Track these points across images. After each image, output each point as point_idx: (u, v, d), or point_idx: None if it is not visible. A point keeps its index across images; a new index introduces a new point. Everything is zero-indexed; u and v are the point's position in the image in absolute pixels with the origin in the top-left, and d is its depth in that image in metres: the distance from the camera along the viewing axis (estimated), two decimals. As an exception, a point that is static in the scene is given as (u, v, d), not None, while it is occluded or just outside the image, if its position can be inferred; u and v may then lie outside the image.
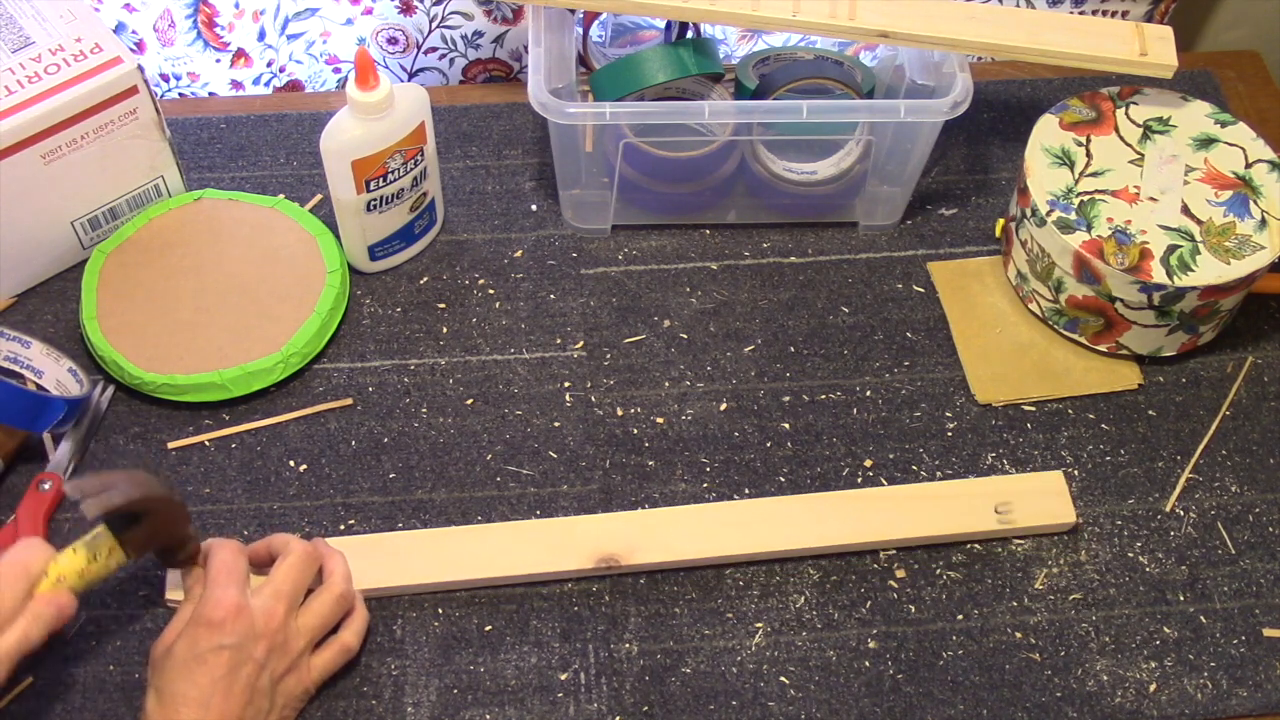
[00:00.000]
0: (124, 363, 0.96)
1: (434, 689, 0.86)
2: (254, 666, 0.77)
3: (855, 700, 0.86)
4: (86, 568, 0.78)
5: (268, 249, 1.03)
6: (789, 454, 0.97)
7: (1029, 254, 1.01)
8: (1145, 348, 1.01)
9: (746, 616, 0.89)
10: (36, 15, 0.98)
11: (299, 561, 0.83)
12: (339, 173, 0.97)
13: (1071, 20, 1.02)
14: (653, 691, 0.86)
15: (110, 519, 0.79)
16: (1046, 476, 0.95)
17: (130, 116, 0.99)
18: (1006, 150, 1.16)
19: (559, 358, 1.01)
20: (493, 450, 0.96)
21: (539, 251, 1.08)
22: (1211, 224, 0.97)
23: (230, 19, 1.15)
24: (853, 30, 0.99)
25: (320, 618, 0.83)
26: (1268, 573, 0.92)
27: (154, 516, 0.80)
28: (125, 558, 0.80)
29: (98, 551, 0.79)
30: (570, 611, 0.89)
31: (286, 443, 0.96)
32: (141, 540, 0.80)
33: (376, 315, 1.03)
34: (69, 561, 0.78)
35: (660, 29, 1.19)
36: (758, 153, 1.06)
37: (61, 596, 0.77)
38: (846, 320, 1.04)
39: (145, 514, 0.79)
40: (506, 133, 1.15)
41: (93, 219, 1.03)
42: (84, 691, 0.85)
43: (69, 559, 0.78)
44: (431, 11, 1.16)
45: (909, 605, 0.90)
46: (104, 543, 0.79)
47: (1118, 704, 0.86)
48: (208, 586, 0.80)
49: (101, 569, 0.79)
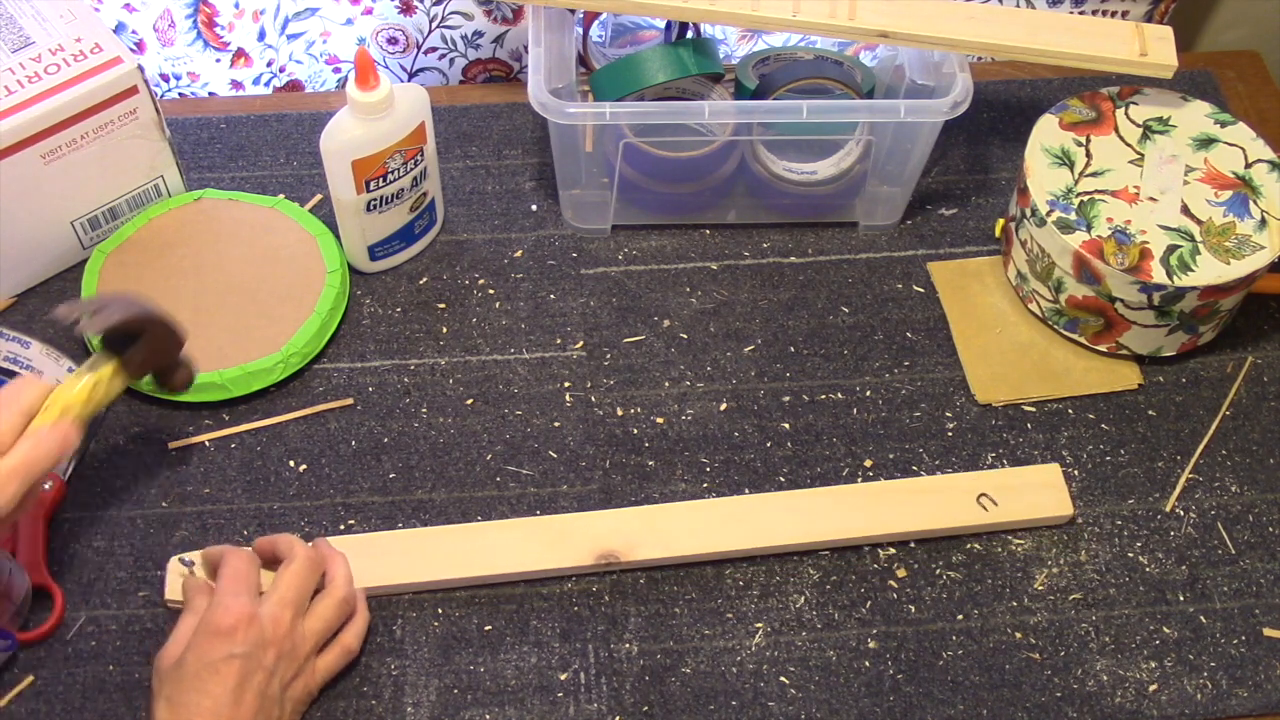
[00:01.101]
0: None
1: (434, 689, 0.86)
2: (264, 674, 0.77)
3: (855, 700, 0.86)
4: (91, 393, 0.78)
5: (268, 249, 1.03)
6: (789, 454, 0.97)
7: (1029, 254, 1.01)
8: (1145, 348, 1.01)
9: (746, 616, 0.89)
10: (36, 15, 0.98)
11: (303, 567, 0.83)
12: (339, 173, 0.97)
13: (1071, 20, 1.02)
14: (653, 691, 0.86)
15: (109, 340, 0.80)
16: (1044, 469, 0.95)
17: (130, 116, 0.99)
18: (1006, 150, 1.16)
19: (559, 358, 1.01)
20: (493, 450, 0.96)
21: (539, 251, 1.08)
22: (1211, 224, 0.97)
23: (230, 19, 1.15)
24: (853, 30, 0.99)
25: (324, 622, 0.83)
26: (1268, 573, 0.92)
27: (150, 335, 0.81)
28: (127, 379, 0.80)
29: (100, 376, 0.79)
30: (570, 611, 0.89)
31: (286, 443, 0.96)
32: (141, 360, 0.81)
33: (376, 315, 1.03)
34: (71, 390, 0.78)
35: (660, 29, 1.19)
36: (758, 153, 1.06)
37: (64, 423, 0.76)
38: (846, 320, 1.04)
39: (142, 332, 0.80)
40: (506, 133, 1.15)
41: (93, 219, 1.03)
42: (84, 691, 0.85)
43: (71, 385, 0.78)
44: (431, 11, 1.16)
45: (909, 605, 0.90)
46: (105, 367, 0.79)
47: (1118, 704, 0.86)
48: (218, 594, 0.80)
49: (105, 393, 0.79)
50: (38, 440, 0.75)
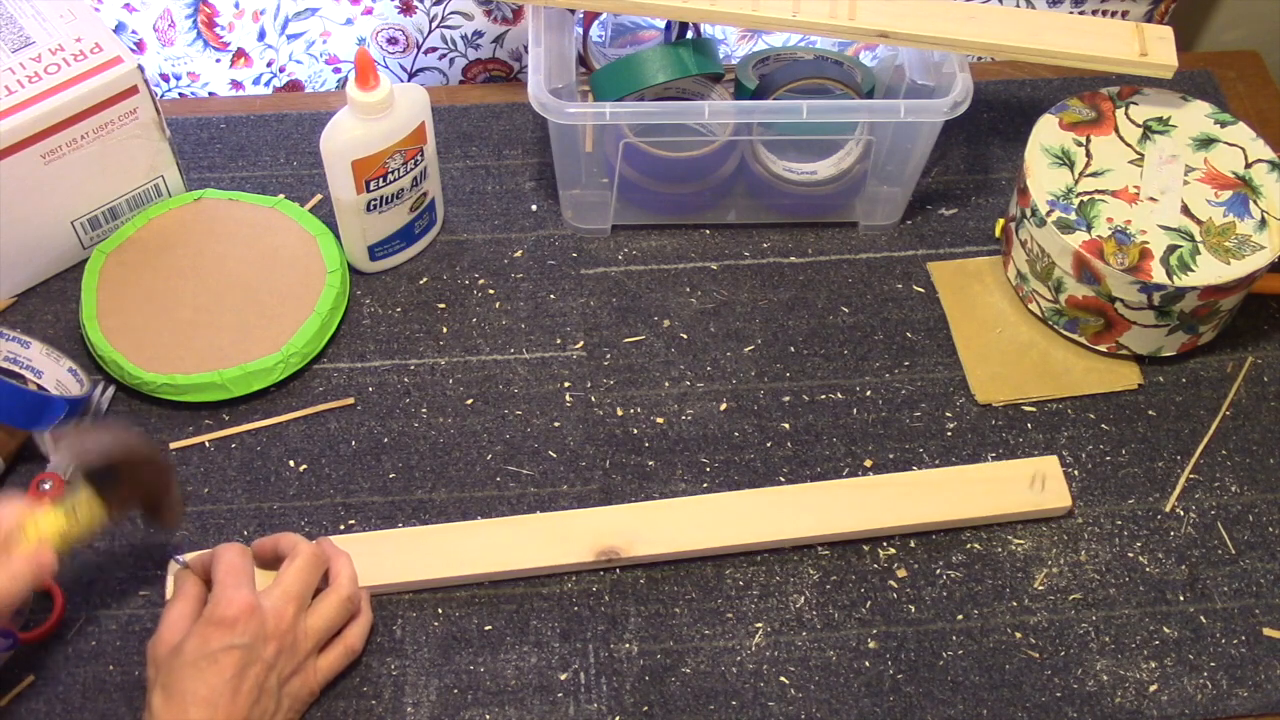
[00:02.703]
0: (124, 363, 0.96)
1: (434, 689, 0.86)
2: (262, 667, 0.77)
3: (855, 700, 0.86)
4: (68, 528, 0.75)
5: (268, 249, 1.03)
6: (789, 454, 0.97)
7: (1029, 254, 1.01)
8: (1145, 348, 1.01)
9: (746, 616, 0.89)
10: (36, 15, 0.98)
11: (307, 563, 0.83)
12: (339, 173, 0.97)
13: (1071, 20, 1.02)
14: (653, 691, 0.86)
15: (91, 476, 0.77)
16: (1042, 461, 0.95)
17: (130, 116, 0.99)
18: (1006, 150, 1.16)
19: (559, 358, 1.01)
20: (493, 450, 0.96)
21: (539, 251, 1.08)
22: (1211, 224, 0.97)
23: (230, 19, 1.15)
24: (853, 30, 0.99)
25: (327, 619, 0.83)
26: (1268, 573, 0.92)
27: (135, 474, 0.77)
28: (107, 517, 0.77)
29: (78, 510, 0.76)
30: (570, 611, 0.89)
31: (286, 443, 0.96)
32: (123, 498, 0.78)
33: (376, 315, 1.03)
34: (48, 521, 0.75)
35: (660, 29, 1.19)
36: (758, 153, 1.06)
37: (42, 553, 0.74)
38: (846, 320, 1.04)
39: (126, 471, 0.77)
40: (506, 133, 1.15)
41: (93, 219, 1.03)
42: (84, 691, 0.85)
43: (48, 518, 0.75)
44: (431, 11, 1.16)
45: (909, 605, 0.90)
46: (84, 501, 0.76)
47: (1118, 704, 0.86)
48: (218, 586, 0.80)
49: (84, 529, 0.76)
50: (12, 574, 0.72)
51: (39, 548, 0.74)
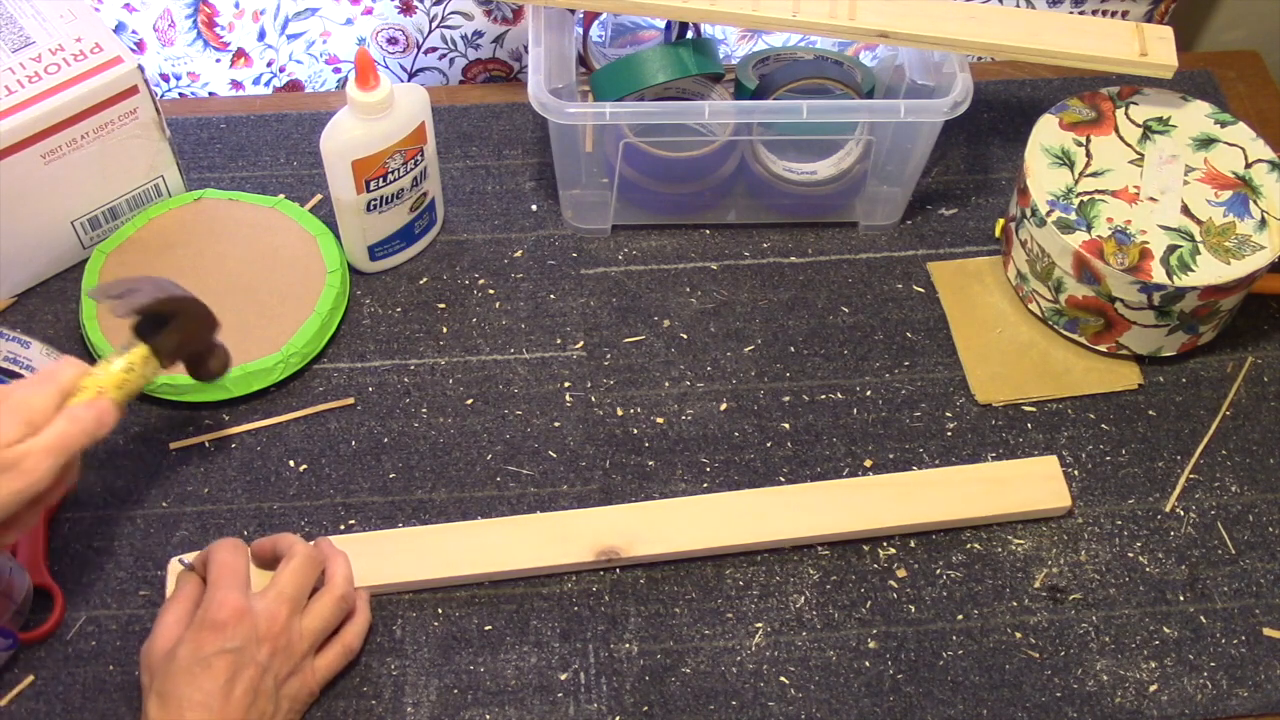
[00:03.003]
0: (124, 363, 0.96)
1: (434, 689, 0.86)
2: (256, 669, 0.77)
3: (855, 700, 0.86)
4: (125, 378, 0.79)
5: (268, 249, 1.03)
6: (789, 454, 0.97)
7: (1029, 254, 1.01)
8: (1145, 348, 1.01)
9: (746, 616, 0.89)
10: (36, 15, 0.98)
11: (302, 564, 0.83)
12: (339, 173, 0.97)
13: (1071, 20, 1.02)
14: (653, 691, 0.86)
15: (140, 326, 0.81)
16: (1041, 461, 0.95)
17: (130, 116, 0.99)
18: (1006, 150, 1.16)
19: (559, 358, 1.01)
20: (493, 450, 0.96)
21: (539, 251, 1.08)
22: (1211, 224, 0.97)
23: (230, 19, 1.15)
24: (853, 30, 0.99)
25: (322, 620, 0.83)
26: (1268, 573, 0.92)
27: (182, 319, 0.82)
28: (160, 365, 0.81)
29: (133, 361, 0.80)
30: (570, 611, 0.89)
31: (286, 443, 0.96)
32: (173, 345, 0.82)
33: (376, 315, 1.03)
34: (105, 373, 0.79)
35: (660, 29, 1.19)
36: (758, 153, 1.06)
37: (101, 402, 0.77)
38: (846, 320, 1.04)
39: (173, 316, 0.81)
40: (506, 133, 1.15)
41: (93, 219, 1.03)
42: (84, 691, 0.85)
43: (105, 371, 0.79)
44: (431, 11, 1.16)
45: (909, 605, 0.90)
46: (138, 352, 0.80)
47: (1118, 704, 0.86)
48: (209, 588, 0.80)
49: (139, 378, 0.80)
50: (73, 417, 0.75)
51: (98, 397, 0.77)
